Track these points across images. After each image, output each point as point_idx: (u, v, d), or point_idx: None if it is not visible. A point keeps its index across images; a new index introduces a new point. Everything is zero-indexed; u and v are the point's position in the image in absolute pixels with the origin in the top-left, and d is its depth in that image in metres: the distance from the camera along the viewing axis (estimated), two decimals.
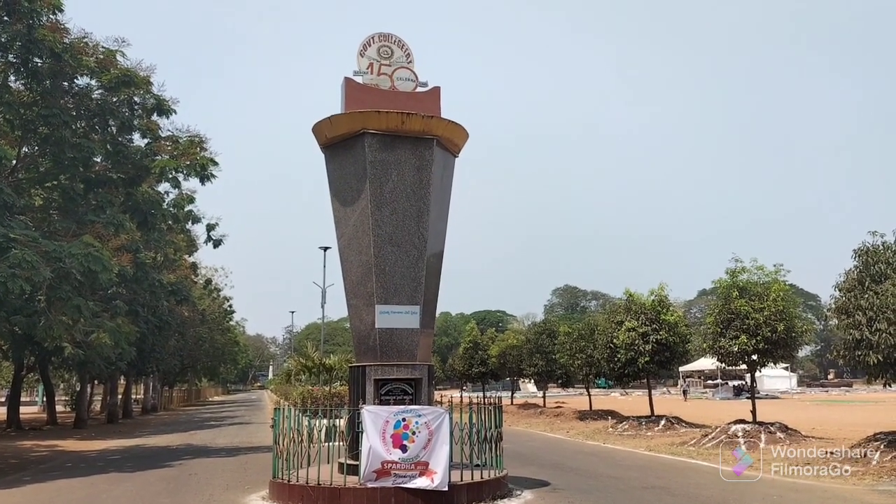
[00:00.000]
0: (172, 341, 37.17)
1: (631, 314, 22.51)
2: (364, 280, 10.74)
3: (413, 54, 11.61)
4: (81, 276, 14.77)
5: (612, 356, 22.98)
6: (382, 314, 10.51)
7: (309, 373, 28.78)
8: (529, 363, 31.92)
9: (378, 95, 11.16)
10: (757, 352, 17.24)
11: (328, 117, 11.09)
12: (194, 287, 37.77)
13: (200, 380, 75.83)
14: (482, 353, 38.57)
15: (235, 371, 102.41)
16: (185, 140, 19.40)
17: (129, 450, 20.32)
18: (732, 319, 17.54)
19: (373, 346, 10.53)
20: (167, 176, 19.28)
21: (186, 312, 36.70)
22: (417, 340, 10.60)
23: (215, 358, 57.06)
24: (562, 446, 18.72)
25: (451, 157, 11.77)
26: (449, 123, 11.24)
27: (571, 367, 27.45)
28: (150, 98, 18.99)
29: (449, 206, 11.87)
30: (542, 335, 31.71)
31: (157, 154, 19.22)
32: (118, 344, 17.07)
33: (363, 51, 11.38)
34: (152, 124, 19.43)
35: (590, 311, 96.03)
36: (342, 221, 11.19)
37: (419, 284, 10.70)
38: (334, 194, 11.33)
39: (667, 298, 22.85)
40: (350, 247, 11.05)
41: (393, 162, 10.85)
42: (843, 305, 13.21)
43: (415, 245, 10.76)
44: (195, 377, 68.73)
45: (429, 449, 9.26)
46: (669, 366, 23.41)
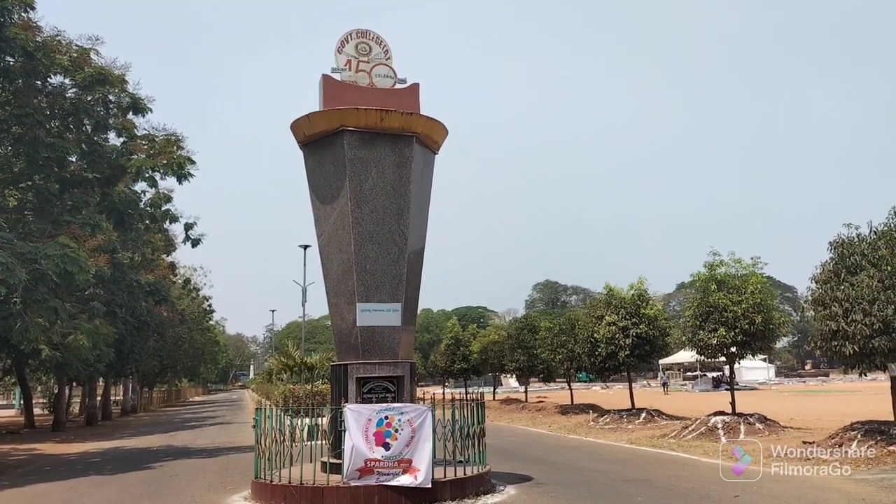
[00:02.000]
0: (151, 342, 36.81)
1: (611, 309, 22.65)
2: (345, 278, 10.70)
3: (391, 50, 11.58)
4: (58, 278, 14.58)
5: (592, 350, 23.13)
6: (364, 312, 10.48)
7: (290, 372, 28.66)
8: (511, 358, 32.01)
9: (356, 92, 11.11)
10: (735, 344, 17.41)
11: (306, 115, 11.02)
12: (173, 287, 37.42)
13: (180, 380, 75.20)
14: (464, 349, 38.65)
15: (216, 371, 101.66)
16: (162, 139, 19.23)
17: (109, 452, 20.11)
18: (711, 312, 17.70)
19: (354, 344, 10.50)
20: (144, 175, 19.08)
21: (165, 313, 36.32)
22: (399, 338, 10.59)
23: (195, 358, 56.56)
24: (544, 441, 18.80)
25: (430, 154, 11.76)
26: (428, 120, 11.22)
27: (553, 362, 27.58)
28: (125, 96, 18.78)
29: (429, 203, 11.86)
30: (523, 330, 31.82)
31: (133, 153, 19.03)
32: (96, 345, 16.87)
33: (341, 47, 11.32)
34: (128, 123, 19.23)
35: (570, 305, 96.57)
36: (322, 219, 11.14)
37: (400, 282, 10.68)
38: (314, 192, 11.27)
39: (646, 292, 23.02)
40: (330, 245, 11.00)
41: (372, 159, 10.81)
42: (819, 297, 13.38)
43: (395, 242, 10.73)
44: (175, 378, 68.13)
45: (412, 446, 9.25)
46: (649, 359, 23.61)
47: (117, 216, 19.21)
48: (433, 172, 11.90)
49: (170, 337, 42.09)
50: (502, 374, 42.34)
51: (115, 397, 49.98)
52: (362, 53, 11.40)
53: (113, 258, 19.98)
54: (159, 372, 51.90)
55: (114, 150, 19.04)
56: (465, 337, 39.75)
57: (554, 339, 26.80)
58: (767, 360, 59.69)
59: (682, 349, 28.75)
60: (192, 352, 53.00)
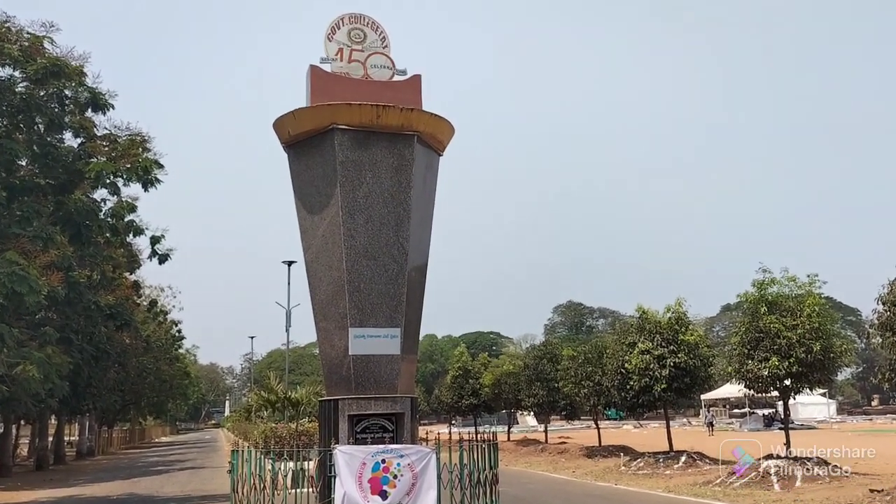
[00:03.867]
0: (112, 373, 36.84)
1: (644, 334, 22.59)
2: (335, 299, 10.72)
3: (389, 38, 11.67)
4: (4, 299, 14.63)
5: (623, 383, 23.04)
6: (357, 338, 10.49)
7: (272, 408, 28.64)
8: (528, 393, 31.91)
9: (349, 85, 11.19)
10: (790, 376, 17.34)
11: (291, 111, 11.09)
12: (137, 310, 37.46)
13: (145, 418, 75.21)
14: (473, 381, 38.54)
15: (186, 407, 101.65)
16: (125, 139, 19.32)
17: (62, 501, 20.08)
18: (761, 339, 17.64)
19: (346, 375, 10.50)
20: (104, 181, 19.16)
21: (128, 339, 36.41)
22: (398, 368, 10.58)
23: (162, 392, 56.58)
24: (567, 489, 18.71)
25: (434, 155, 11.81)
26: (432, 117, 11.28)
27: (577, 397, 27.47)
28: (83, 91, 18.91)
29: (433, 213, 11.89)
30: (542, 360, 31.76)
31: (93, 156, 19.12)
32: (48, 377, 16.91)
33: (331, 34, 11.42)
34: (86, 121, 19.35)
35: (597, 331, 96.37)
36: (309, 231, 11.18)
37: (399, 303, 10.69)
38: (300, 200, 11.32)
39: (685, 315, 22.96)
40: (318, 261, 11.03)
41: (367, 162, 10.86)
42: (888, 321, 13.33)
43: (394, 258, 10.76)
44: (138, 415, 68.13)
45: (413, 494, 9.23)
46: (690, 393, 23.49)
47: (73, 228, 19.29)
48: (437, 177, 11.95)
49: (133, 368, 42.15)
50: (518, 410, 42.18)
51: (69, 437, 49.93)
52: (356, 41, 11.49)
53: (68, 276, 20.06)
54: (121, 408, 51.89)
55: (70, 152, 19.16)
56: (474, 367, 39.65)
57: (578, 370, 26.72)
58: (827, 395, 59.36)
59: (728, 382, 28.57)
60: (158, 385, 53.04)
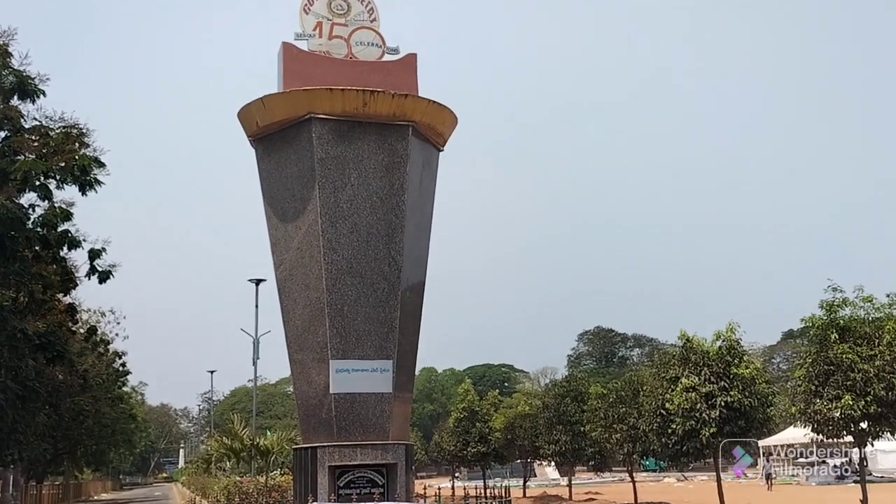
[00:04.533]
0: (41, 416, 36.67)
1: (689, 367, 22.49)
2: (313, 325, 10.71)
3: (378, 10, 11.71)
4: None
5: (663, 427, 22.92)
6: (340, 373, 10.48)
7: (236, 457, 28.57)
8: (548, 439, 31.84)
9: (330, 66, 11.22)
10: (867, 417, 17.28)
11: (260, 98, 11.13)
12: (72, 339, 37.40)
13: (81, 471, 74.86)
14: (481, 425, 38.47)
15: (131, 457, 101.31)
16: (59, 132, 19.35)
17: None
18: (832, 372, 17.59)
19: (326, 418, 10.47)
20: (33, 182, 19.19)
21: (61, 375, 36.28)
22: (390, 410, 10.56)
23: (102, 439, 56.38)
24: None
25: (433, 150, 11.84)
26: (430, 104, 11.32)
27: (607, 444, 27.42)
28: (7, 74, 18.98)
29: (432, 219, 11.90)
30: (565, 399, 31.73)
31: (19, 152, 19.16)
32: None
33: (308, 5, 11.46)
34: (12, 111, 19.39)
35: (631, 363, 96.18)
36: (281, 243, 11.18)
37: (391, 330, 10.68)
38: (270, 205, 11.33)
39: (739, 344, 22.85)
40: (293, 279, 11.03)
41: (352, 158, 10.88)
42: None
43: (384, 275, 10.76)
44: (74, 467, 67.80)
45: None
46: (745, 439, 23.38)
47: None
48: (437, 175, 11.96)
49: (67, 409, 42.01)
50: (536, 460, 42.08)
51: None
52: (338, 13, 11.53)
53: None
54: (52, 459, 51.60)
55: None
56: (482, 408, 39.62)
57: (609, 411, 26.65)
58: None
59: (792, 425, 28.52)
60: (98, 430, 52.86)
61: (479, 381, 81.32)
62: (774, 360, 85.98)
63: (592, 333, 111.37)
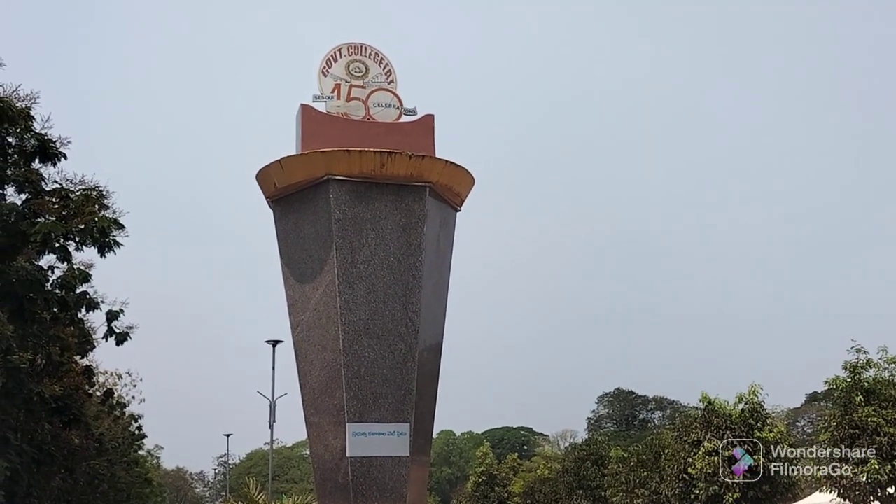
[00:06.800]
0: (57, 481, 36.57)
1: (712, 430, 22.32)
2: (329, 387, 10.66)
3: (395, 72, 11.84)
4: None
5: (686, 491, 22.72)
6: (356, 436, 10.41)
7: None
8: (569, 503, 31.53)
9: (348, 128, 11.34)
10: (894, 482, 17.01)
11: (278, 160, 11.23)
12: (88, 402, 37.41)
13: None
14: (500, 489, 38.18)
15: None
16: (79, 194, 19.51)
17: None
18: (857, 436, 17.39)
19: (343, 482, 10.38)
20: (53, 244, 19.31)
21: (77, 439, 36.20)
22: (407, 474, 10.46)
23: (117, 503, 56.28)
24: None
25: (450, 210, 11.88)
26: (447, 165, 11.39)
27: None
28: (29, 137, 19.20)
29: (449, 280, 11.90)
30: (585, 462, 31.52)
31: (40, 214, 19.31)
32: None
33: (327, 68, 11.61)
34: (33, 174, 19.59)
35: (652, 425, 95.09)
36: (298, 304, 11.18)
37: (408, 392, 10.62)
38: (287, 266, 11.36)
39: (762, 407, 22.70)
40: (309, 340, 11.01)
41: (369, 219, 10.93)
42: None
43: (401, 336, 10.73)
44: None
45: None
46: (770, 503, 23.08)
47: (14, 302, 19.35)
48: (454, 236, 11.98)
49: (83, 473, 41.81)
50: None
51: None
52: (356, 75, 11.68)
53: (6, 361, 20.09)
54: None
55: (12, 210, 19.33)
56: (501, 472, 39.36)
57: (630, 476, 26.45)
58: None
59: (818, 490, 28.04)
60: (113, 495, 52.55)
61: (498, 444, 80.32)
62: (798, 423, 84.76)
63: (612, 395, 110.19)
